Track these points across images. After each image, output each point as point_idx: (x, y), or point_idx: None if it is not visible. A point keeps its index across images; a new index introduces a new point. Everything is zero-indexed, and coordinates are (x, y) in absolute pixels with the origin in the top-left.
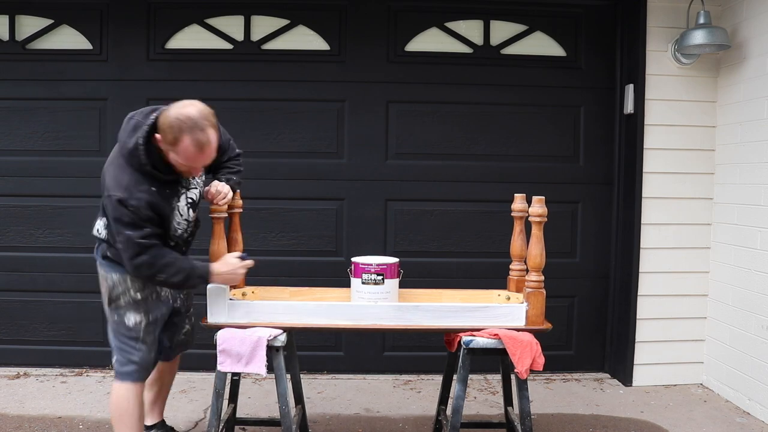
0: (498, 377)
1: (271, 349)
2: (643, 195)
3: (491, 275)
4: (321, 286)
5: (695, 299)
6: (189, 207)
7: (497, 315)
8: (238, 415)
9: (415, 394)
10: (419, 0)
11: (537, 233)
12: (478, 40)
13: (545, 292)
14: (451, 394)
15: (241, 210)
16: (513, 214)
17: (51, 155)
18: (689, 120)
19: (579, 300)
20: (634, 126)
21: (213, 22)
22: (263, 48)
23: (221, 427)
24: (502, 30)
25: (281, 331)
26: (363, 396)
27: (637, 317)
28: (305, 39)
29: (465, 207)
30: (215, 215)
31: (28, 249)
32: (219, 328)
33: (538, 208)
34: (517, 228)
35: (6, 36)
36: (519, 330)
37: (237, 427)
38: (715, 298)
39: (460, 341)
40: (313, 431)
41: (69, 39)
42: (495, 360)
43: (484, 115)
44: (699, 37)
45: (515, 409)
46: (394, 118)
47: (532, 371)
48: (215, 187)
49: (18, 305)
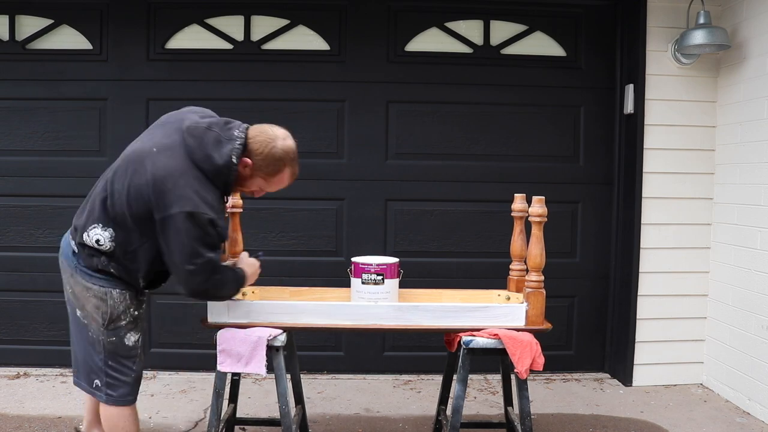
0: (498, 377)
1: (271, 349)
2: (643, 195)
3: (491, 275)
4: (321, 286)
5: (695, 299)
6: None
7: (497, 315)
8: (238, 415)
9: (415, 394)
10: (419, 0)
11: (537, 233)
12: (478, 40)
13: (545, 292)
14: (451, 394)
15: (241, 210)
16: (513, 214)
17: (51, 155)
18: (689, 120)
19: (579, 300)
20: (634, 126)
21: (213, 22)
22: (263, 48)
23: (221, 427)
24: (502, 30)
25: (281, 331)
26: (363, 396)
27: (637, 317)
28: (305, 39)
29: (465, 207)
30: None
31: (28, 249)
32: (219, 328)
33: (538, 208)
34: (517, 228)
35: (6, 36)
36: (519, 330)
37: (237, 427)
38: (715, 298)
39: (460, 341)
40: (313, 431)
41: (69, 39)
42: (495, 360)
43: (484, 115)
44: (699, 37)
45: (515, 409)
46: (394, 118)
47: (532, 371)
48: None
49: (18, 305)
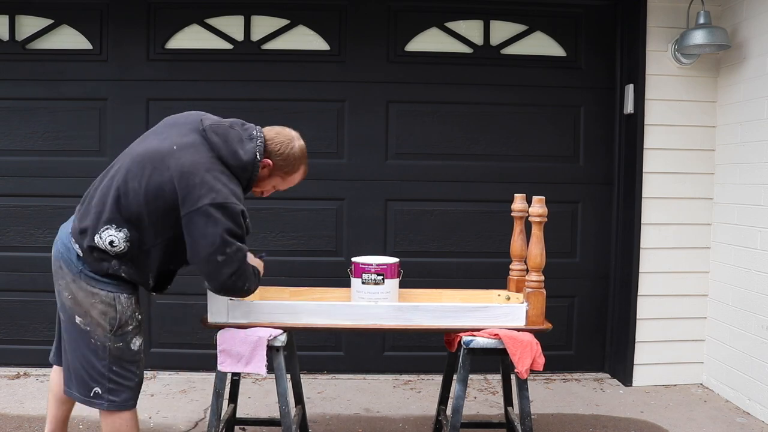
0: (498, 377)
1: (271, 349)
2: (643, 195)
3: (491, 275)
4: (321, 286)
5: (695, 299)
6: None
7: (497, 315)
8: (238, 415)
9: (415, 394)
10: (419, 0)
11: (537, 233)
12: (478, 40)
13: (545, 292)
14: (451, 394)
15: None
16: (513, 214)
17: (51, 155)
18: (689, 120)
19: (579, 300)
20: (634, 126)
21: (213, 22)
22: (263, 48)
23: (221, 427)
24: (502, 30)
25: (281, 331)
26: (363, 396)
27: (637, 317)
28: (305, 39)
29: (465, 207)
30: None
31: (28, 249)
32: (219, 328)
33: (538, 208)
34: (517, 228)
35: (6, 36)
36: (519, 330)
37: (237, 427)
38: (715, 298)
39: (460, 341)
40: (313, 431)
41: (69, 39)
42: (495, 360)
43: (484, 115)
44: (699, 37)
45: (515, 409)
46: (394, 118)
47: (532, 371)
48: None
49: (18, 305)
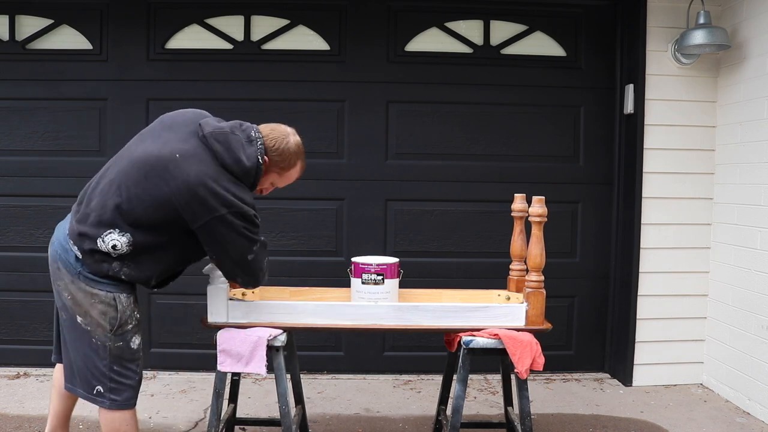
0: (498, 377)
1: (271, 349)
2: (643, 195)
3: (491, 275)
4: (321, 286)
5: (695, 299)
6: None
7: (497, 315)
8: (238, 415)
9: (415, 394)
10: (419, 0)
11: (537, 233)
12: (478, 40)
13: (545, 292)
14: (451, 394)
15: None
16: (513, 214)
17: (51, 155)
18: (689, 120)
19: (579, 300)
20: (634, 126)
21: (213, 22)
22: (263, 48)
23: (221, 427)
24: (502, 30)
25: (281, 331)
26: (363, 396)
27: (637, 317)
28: (305, 39)
29: (465, 207)
30: None
31: (28, 249)
32: (219, 328)
33: (538, 208)
34: (517, 228)
35: (6, 36)
36: (519, 330)
37: (237, 427)
38: (715, 298)
39: (460, 341)
40: (313, 431)
41: (69, 39)
42: (495, 360)
43: (484, 115)
44: (699, 37)
45: (515, 409)
46: (394, 118)
47: (532, 371)
48: None
49: (18, 305)
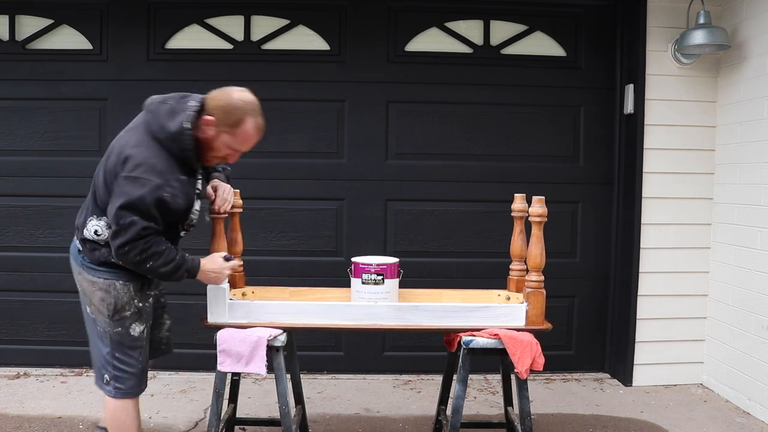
0: (498, 377)
1: (271, 349)
2: (643, 195)
3: (491, 275)
4: (321, 286)
5: (695, 299)
6: (197, 197)
7: (497, 315)
8: (238, 415)
9: (415, 394)
10: (419, 0)
11: (537, 233)
12: (478, 40)
13: (545, 292)
14: (451, 394)
15: (241, 210)
16: (513, 214)
17: (51, 155)
18: (689, 120)
19: (579, 300)
20: (634, 126)
21: (213, 22)
22: (263, 48)
23: (221, 427)
24: (502, 30)
25: (281, 331)
26: (363, 396)
27: (637, 317)
28: (305, 39)
29: (465, 207)
30: (216, 216)
31: (28, 249)
32: (219, 328)
33: (538, 208)
34: (517, 228)
35: (6, 36)
36: (519, 330)
37: (237, 427)
38: (715, 298)
39: (460, 341)
40: (313, 431)
41: (69, 39)
42: (495, 360)
43: (484, 115)
44: (699, 37)
45: (515, 409)
46: (394, 118)
47: (532, 371)
48: (220, 196)
49: (18, 305)
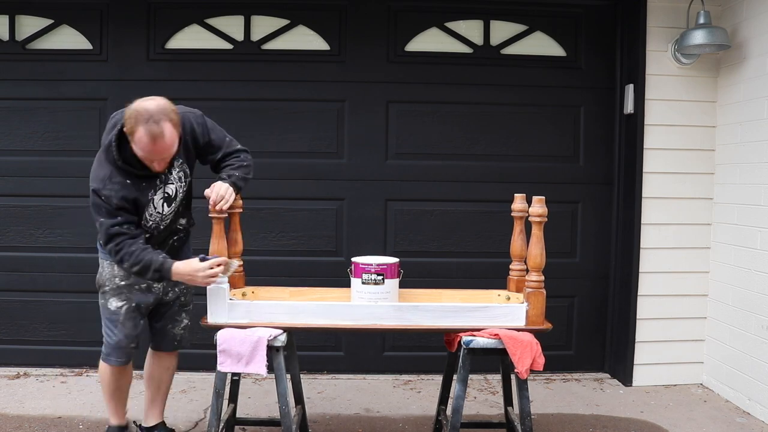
0: (498, 377)
1: (271, 349)
2: (643, 195)
3: (491, 275)
4: (321, 286)
5: (695, 299)
6: (164, 201)
7: (497, 315)
8: (238, 415)
9: (415, 394)
10: (419, 0)
11: (537, 233)
12: (478, 40)
13: (545, 292)
14: (451, 394)
15: (241, 210)
16: (513, 214)
17: (51, 155)
18: (689, 120)
19: (579, 300)
20: (634, 126)
21: (213, 22)
22: (263, 48)
23: (221, 427)
24: (502, 30)
25: (281, 331)
26: (363, 396)
27: (637, 317)
28: (305, 39)
29: (465, 207)
30: (215, 215)
31: (28, 249)
32: (219, 328)
33: (538, 208)
34: (517, 228)
35: (6, 36)
36: (519, 330)
37: (237, 427)
38: (715, 298)
39: (460, 341)
40: (313, 431)
41: (69, 39)
42: (495, 360)
43: (484, 115)
44: (699, 37)
45: (515, 409)
46: (394, 118)
47: (532, 371)
48: (216, 192)
49: (18, 305)
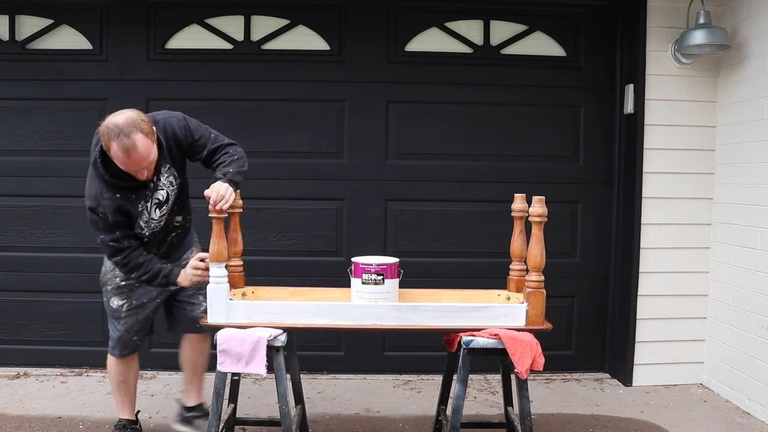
0: (498, 377)
1: (271, 349)
2: (643, 195)
3: (491, 275)
4: (321, 286)
5: (695, 299)
6: (156, 207)
7: (497, 315)
8: (238, 415)
9: (415, 394)
10: (419, 0)
11: (537, 233)
12: (478, 40)
13: (545, 292)
14: (451, 394)
15: (242, 210)
16: (513, 214)
17: (51, 155)
18: (689, 120)
19: (579, 300)
20: (634, 126)
21: (213, 22)
22: (263, 48)
23: (221, 427)
24: (502, 30)
25: (281, 331)
26: (363, 396)
27: (637, 317)
28: (305, 39)
29: (465, 207)
30: (214, 215)
31: (28, 249)
32: (219, 328)
33: (538, 208)
34: (517, 228)
35: (6, 36)
36: (519, 330)
37: (237, 427)
38: (715, 298)
39: (460, 341)
40: (313, 431)
41: (69, 39)
42: (495, 360)
43: (484, 115)
44: (699, 37)
45: (515, 409)
46: (394, 118)
47: (532, 371)
48: (216, 192)
49: (18, 305)
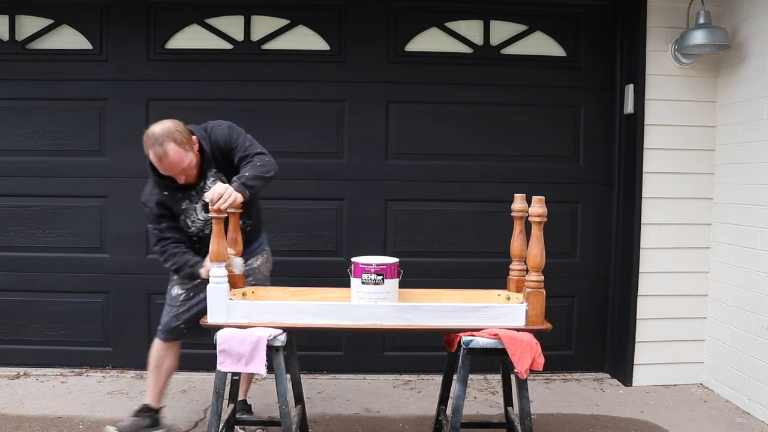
0: (498, 377)
1: (271, 349)
2: (643, 195)
3: (491, 275)
4: (321, 286)
5: (695, 299)
6: (203, 209)
7: (497, 315)
8: (238, 415)
9: (415, 394)
10: (419, 0)
11: (537, 233)
12: (478, 40)
13: (545, 292)
14: (451, 394)
15: (242, 210)
16: (513, 214)
17: (51, 155)
18: (689, 120)
19: (579, 300)
20: (634, 126)
21: (213, 22)
22: (263, 48)
23: (221, 427)
24: (502, 30)
25: (281, 331)
26: (363, 396)
27: (637, 317)
28: (305, 39)
29: (465, 207)
30: (214, 215)
31: (28, 249)
32: (219, 328)
33: (538, 208)
34: (517, 228)
35: (6, 36)
36: (519, 330)
37: (237, 427)
38: (715, 298)
39: (460, 341)
40: (313, 431)
41: (69, 39)
42: (495, 360)
43: (484, 115)
44: (699, 37)
45: (515, 409)
46: (394, 118)
47: (532, 371)
48: (214, 191)
49: (18, 305)
